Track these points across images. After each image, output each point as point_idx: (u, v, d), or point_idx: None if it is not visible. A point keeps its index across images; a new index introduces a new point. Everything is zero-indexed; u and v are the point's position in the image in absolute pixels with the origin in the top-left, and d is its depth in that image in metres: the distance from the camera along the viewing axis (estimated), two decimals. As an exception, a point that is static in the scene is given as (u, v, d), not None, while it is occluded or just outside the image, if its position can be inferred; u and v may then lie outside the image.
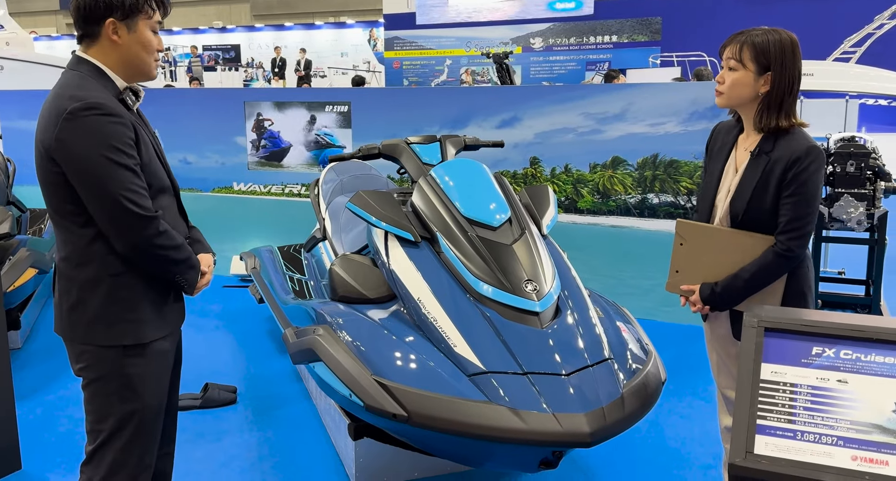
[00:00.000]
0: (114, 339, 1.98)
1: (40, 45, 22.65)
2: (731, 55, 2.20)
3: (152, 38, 2.00)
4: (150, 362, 2.04)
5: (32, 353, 4.38)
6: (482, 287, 2.56)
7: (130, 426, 2.03)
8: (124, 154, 1.87)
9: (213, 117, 6.02)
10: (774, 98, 2.16)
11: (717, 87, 2.26)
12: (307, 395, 3.76)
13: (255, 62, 24.10)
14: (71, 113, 1.84)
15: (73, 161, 1.85)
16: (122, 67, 1.98)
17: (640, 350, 2.57)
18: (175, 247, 1.98)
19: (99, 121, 1.84)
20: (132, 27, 1.95)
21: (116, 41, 1.95)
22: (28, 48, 13.27)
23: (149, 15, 1.97)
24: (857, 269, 5.46)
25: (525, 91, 6.34)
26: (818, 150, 2.13)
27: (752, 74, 2.16)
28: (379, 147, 3.42)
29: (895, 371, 1.58)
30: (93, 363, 2.00)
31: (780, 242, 2.15)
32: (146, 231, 1.90)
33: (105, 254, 1.94)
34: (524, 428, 2.15)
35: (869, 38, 13.20)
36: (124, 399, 2.01)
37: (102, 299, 1.96)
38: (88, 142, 1.83)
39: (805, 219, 2.13)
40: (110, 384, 2.00)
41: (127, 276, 1.97)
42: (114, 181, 1.84)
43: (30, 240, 4.51)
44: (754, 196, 2.19)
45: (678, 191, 4.86)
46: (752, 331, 1.70)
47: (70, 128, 1.84)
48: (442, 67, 18.41)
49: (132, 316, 1.99)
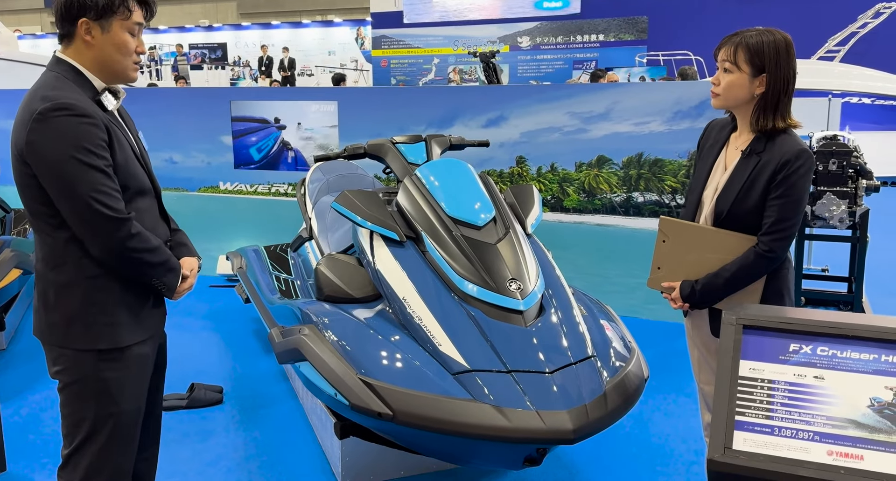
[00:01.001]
0: (89, 343, 1.94)
1: (24, 44, 22.44)
2: (725, 57, 2.20)
3: (128, 39, 1.95)
4: (127, 366, 2.00)
5: (16, 354, 4.35)
6: (467, 286, 2.57)
7: (106, 430, 1.99)
8: (94, 155, 1.83)
9: (199, 116, 6.00)
10: (770, 99, 2.17)
11: (712, 88, 2.26)
12: (293, 395, 3.76)
13: (242, 61, 24.01)
14: (41, 113, 1.81)
15: (44, 163, 1.82)
16: (97, 68, 1.95)
17: (623, 347, 2.60)
18: (150, 250, 1.94)
19: (69, 122, 1.81)
20: (106, 28, 1.91)
21: (90, 41, 1.92)
22: (12, 47, 13.15)
23: (125, 16, 1.92)
24: (840, 267, 5.52)
25: (511, 90, 6.36)
26: (809, 154, 2.14)
27: (746, 76, 2.17)
28: (364, 147, 3.43)
29: (870, 367, 1.61)
30: (69, 366, 1.97)
31: (762, 243, 2.16)
32: (118, 233, 1.86)
33: (80, 257, 1.91)
34: (508, 426, 2.17)
35: (853, 37, 13.32)
36: (100, 403, 1.97)
37: (78, 302, 1.93)
38: (58, 144, 1.80)
39: (790, 222, 2.15)
40: (86, 388, 1.97)
41: (103, 279, 1.94)
42: (83, 183, 1.81)
43: (14, 240, 4.49)
44: (741, 195, 2.20)
45: (663, 189, 4.90)
46: (731, 328, 1.72)
47: (40, 130, 1.81)
48: (430, 66, 18.43)
49: (108, 319, 1.95)
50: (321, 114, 5.71)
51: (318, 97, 5.79)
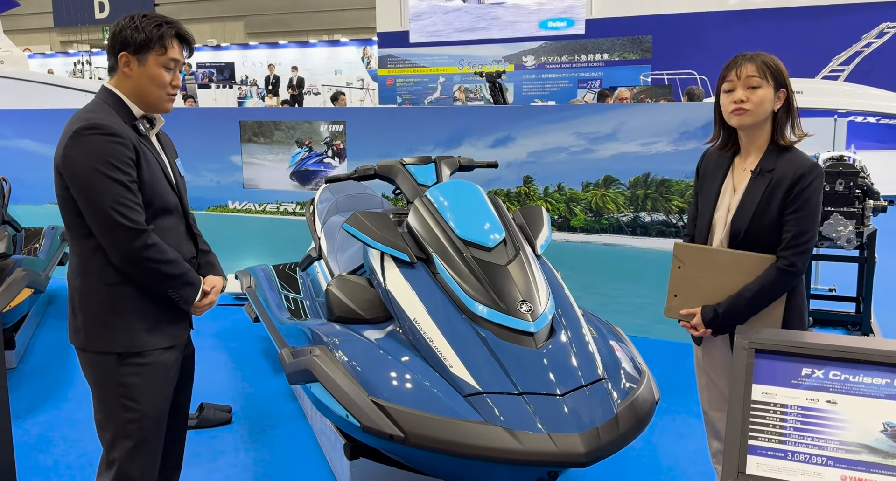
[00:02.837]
0: (107, 346, 2.08)
1: (34, 63, 22.68)
2: (753, 73, 2.21)
3: (162, 73, 2.13)
4: (147, 372, 2.12)
5: (27, 373, 4.37)
6: (477, 307, 2.59)
7: (129, 434, 2.11)
8: (118, 170, 2.00)
9: (208, 136, 6.06)
10: (791, 112, 2.25)
11: (740, 105, 2.22)
12: (303, 415, 3.76)
13: (250, 80, 24.19)
14: (76, 132, 2.00)
15: (74, 175, 2.00)
16: (135, 97, 2.14)
17: (633, 369, 2.60)
18: (166, 262, 2.07)
19: (98, 140, 1.99)
20: (143, 62, 2.10)
21: (128, 73, 2.12)
22: (22, 66, 13.29)
23: (160, 52, 2.11)
24: (847, 287, 5.51)
25: (518, 111, 6.41)
26: (819, 168, 2.19)
27: (772, 91, 2.23)
28: (375, 168, 3.46)
29: (883, 391, 1.61)
30: (92, 369, 2.13)
31: (783, 258, 2.18)
32: (134, 242, 2.00)
33: (104, 266, 2.06)
34: (520, 449, 2.17)
35: (857, 57, 13.38)
36: (122, 407, 2.10)
37: (99, 307, 2.08)
38: (86, 158, 1.99)
39: (808, 235, 2.18)
40: (108, 391, 2.11)
41: (122, 287, 2.08)
42: (106, 194, 1.98)
43: (25, 259, 4.52)
44: (757, 213, 2.22)
45: (670, 209, 4.91)
46: (743, 352, 1.73)
47: (73, 145, 2.00)
48: (435, 85, 18.53)
49: (125, 325, 2.09)
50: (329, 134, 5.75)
51: (327, 117, 5.84)
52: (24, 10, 22.79)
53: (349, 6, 24.90)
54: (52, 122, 6.38)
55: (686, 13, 15.83)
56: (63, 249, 5.49)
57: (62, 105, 8.37)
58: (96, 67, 22.94)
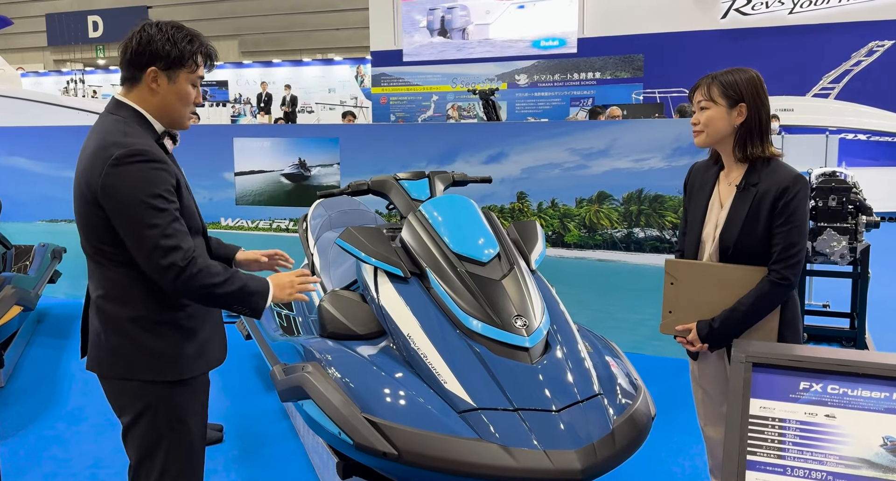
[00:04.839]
0: (158, 374, 2.00)
1: (27, 82, 22.68)
2: (701, 97, 2.30)
3: (190, 90, 2.03)
4: (195, 391, 2.10)
5: (14, 392, 4.31)
6: (472, 322, 2.56)
7: (180, 458, 2.05)
8: (167, 200, 1.90)
9: (201, 153, 6.04)
10: (754, 126, 2.24)
11: (694, 128, 2.33)
12: (294, 433, 3.72)
13: (243, 98, 24.24)
14: (117, 159, 1.87)
15: (120, 207, 1.88)
16: (158, 114, 2.02)
17: (629, 385, 2.58)
18: (221, 283, 1.95)
19: (143, 169, 1.88)
20: (173, 78, 1.99)
21: (155, 89, 1.99)
22: (15, 84, 13.28)
23: (192, 69, 2.00)
24: (841, 303, 5.52)
25: (511, 127, 6.42)
26: (804, 179, 2.20)
27: (724, 109, 2.25)
28: (368, 183, 3.45)
29: (882, 405, 1.60)
30: (137, 398, 2.01)
31: (775, 271, 2.18)
32: (184, 274, 1.89)
33: (146, 293, 1.97)
34: (515, 466, 2.14)
35: (847, 75, 13.51)
36: (174, 430, 2.04)
37: (143, 335, 1.98)
38: (134, 190, 1.87)
39: (798, 246, 2.18)
40: (158, 415, 2.02)
41: (167, 314, 2.00)
42: (157, 227, 1.87)
43: (14, 277, 4.48)
44: (745, 227, 2.22)
45: (663, 225, 4.91)
46: (741, 366, 1.72)
47: (115, 174, 1.87)
48: (429, 103, 18.61)
49: (175, 352, 2.02)
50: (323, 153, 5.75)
51: (321, 135, 5.84)
52: (18, 29, 22.85)
53: (343, 25, 25.05)
54: (43, 139, 6.37)
55: (677, 32, 15.97)
56: (53, 267, 5.44)
57: (54, 122, 8.36)
58: (88, 86, 22.94)
